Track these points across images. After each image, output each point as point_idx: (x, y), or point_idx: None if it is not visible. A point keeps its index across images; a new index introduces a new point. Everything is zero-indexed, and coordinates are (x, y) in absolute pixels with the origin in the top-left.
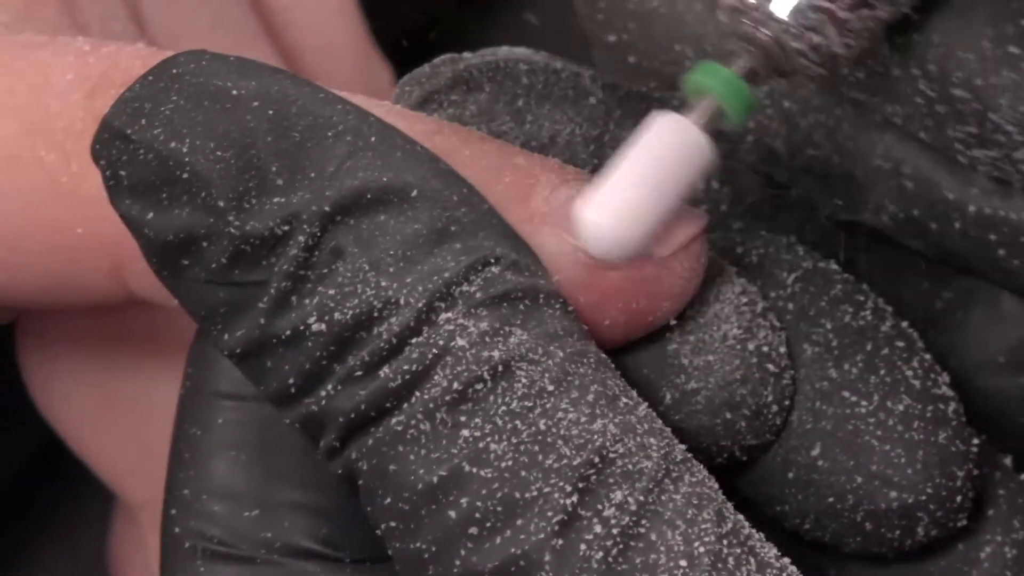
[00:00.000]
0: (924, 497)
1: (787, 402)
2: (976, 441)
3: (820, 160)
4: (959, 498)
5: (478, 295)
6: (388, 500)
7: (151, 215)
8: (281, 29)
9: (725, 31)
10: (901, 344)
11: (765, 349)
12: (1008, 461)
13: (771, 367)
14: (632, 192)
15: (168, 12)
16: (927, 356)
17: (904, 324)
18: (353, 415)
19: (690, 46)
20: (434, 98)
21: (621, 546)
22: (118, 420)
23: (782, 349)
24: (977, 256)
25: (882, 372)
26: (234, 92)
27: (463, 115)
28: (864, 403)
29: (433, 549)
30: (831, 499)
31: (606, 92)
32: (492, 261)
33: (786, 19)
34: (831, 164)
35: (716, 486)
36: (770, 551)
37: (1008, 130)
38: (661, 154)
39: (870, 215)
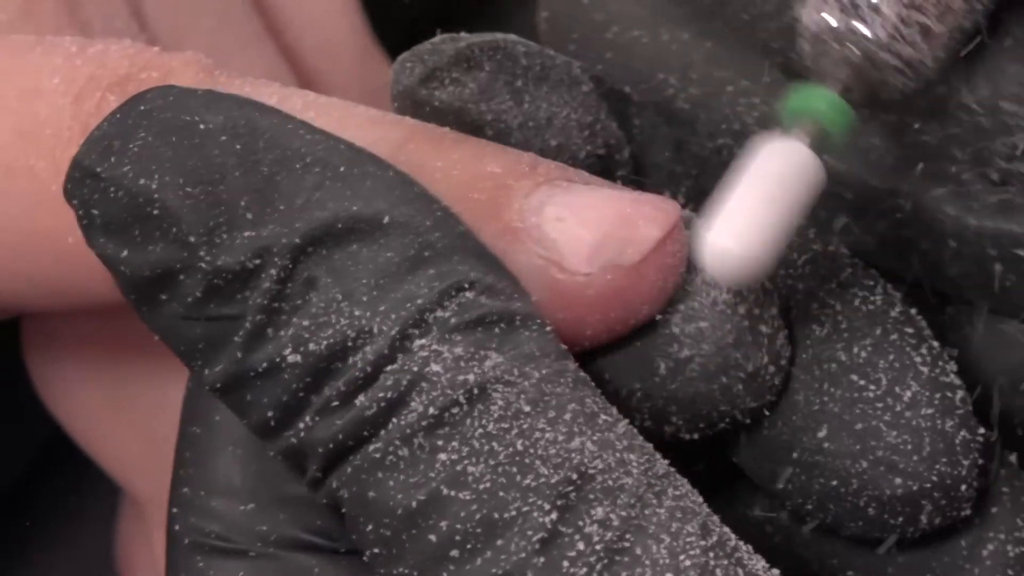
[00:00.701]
0: (928, 485)
1: (783, 362)
2: (982, 431)
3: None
4: (963, 487)
5: (452, 320)
6: (370, 527)
7: (125, 252)
8: (282, 27)
9: (813, 54)
10: (910, 330)
11: (756, 311)
12: (1013, 458)
13: (763, 328)
14: (752, 216)
15: (170, 10)
16: (935, 344)
17: (913, 311)
18: (332, 445)
19: (675, 75)
20: (436, 75)
21: (605, 561)
22: (125, 415)
23: (774, 310)
24: (968, 274)
25: (891, 357)
26: (202, 127)
27: (463, 93)
28: (872, 387)
29: (415, 574)
30: (835, 482)
31: (594, 83)
32: (466, 286)
33: (877, 35)
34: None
35: (700, 500)
36: (758, 563)
37: None
38: (777, 176)
39: (846, 236)
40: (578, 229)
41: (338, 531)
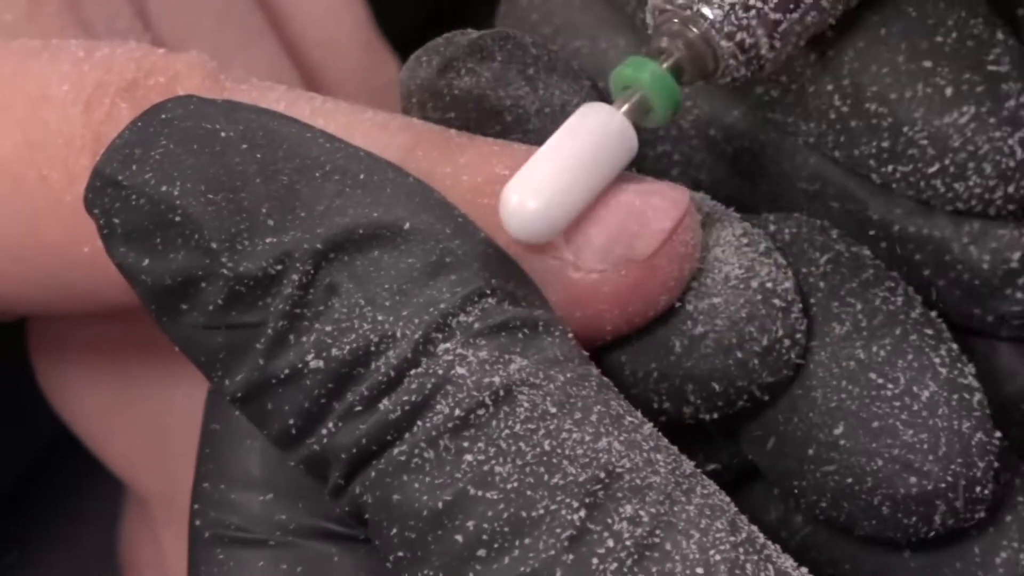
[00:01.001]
0: (943, 485)
1: (799, 335)
2: (998, 434)
3: (744, 189)
4: (978, 489)
5: (476, 325)
6: (394, 530)
7: (147, 261)
8: (286, 23)
9: (653, 30)
10: (930, 331)
11: (769, 285)
12: None
13: (777, 302)
14: (553, 174)
15: (173, 8)
16: (954, 346)
17: (933, 313)
18: (355, 450)
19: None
20: (452, 65)
21: (636, 557)
22: (131, 415)
23: (787, 284)
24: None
25: (910, 357)
26: (223, 135)
27: (479, 82)
28: (890, 386)
29: (441, 575)
30: (850, 480)
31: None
32: (488, 292)
33: (715, 17)
34: (756, 193)
35: (728, 499)
36: (787, 560)
37: (921, 144)
38: (584, 139)
39: None
40: (589, 227)
41: None
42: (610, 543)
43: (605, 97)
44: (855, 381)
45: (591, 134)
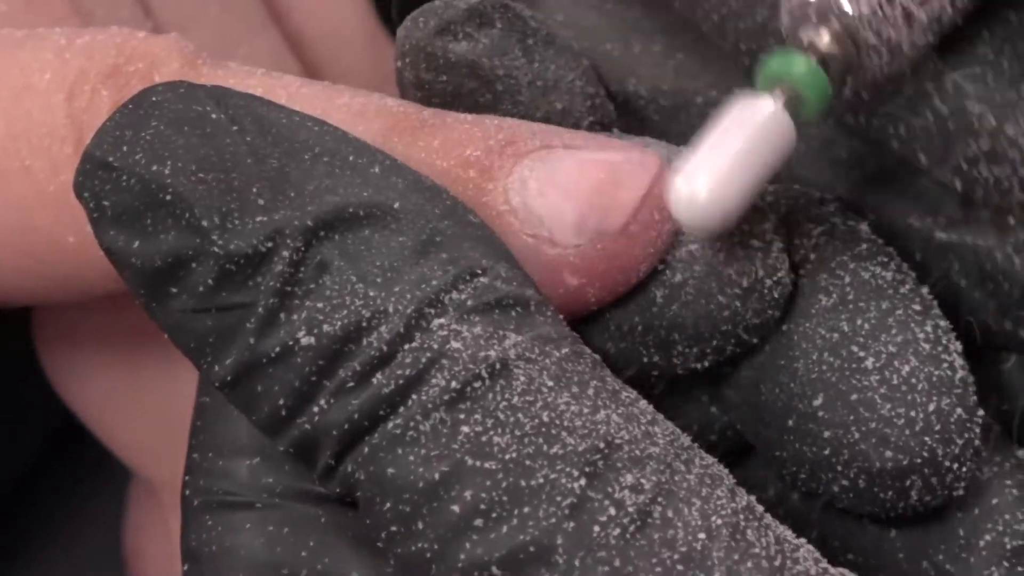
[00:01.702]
0: (919, 460)
1: (781, 275)
2: (981, 412)
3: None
4: (955, 465)
5: (469, 302)
6: (388, 504)
7: (137, 243)
8: (288, 15)
9: (793, 25)
10: (917, 307)
11: (746, 227)
12: (1022, 453)
13: (755, 243)
14: (722, 165)
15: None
16: (943, 323)
17: (924, 289)
18: (347, 426)
19: (644, 85)
20: (450, 28)
21: (639, 523)
22: (140, 402)
23: (766, 225)
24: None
25: (893, 331)
26: (213, 117)
27: (476, 48)
28: (871, 359)
29: (436, 547)
30: (827, 451)
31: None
32: (479, 272)
33: (862, 11)
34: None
35: (726, 470)
36: (786, 530)
37: (1022, 144)
38: (748, 130)
39: None
40: (561, 202)
41: None
42: (612, 511)
43: (602, 80)
44: (837, 353)
45: (752, 126)
